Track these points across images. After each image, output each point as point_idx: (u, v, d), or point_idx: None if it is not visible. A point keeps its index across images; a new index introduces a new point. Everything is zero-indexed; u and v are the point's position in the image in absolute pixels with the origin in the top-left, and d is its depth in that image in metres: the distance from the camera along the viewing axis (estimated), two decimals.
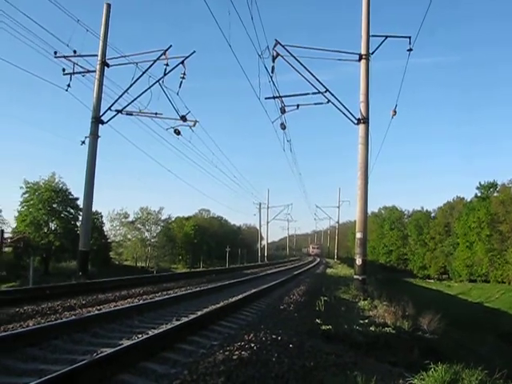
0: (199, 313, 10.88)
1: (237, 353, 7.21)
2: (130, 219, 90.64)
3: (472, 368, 8.03)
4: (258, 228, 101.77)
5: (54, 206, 61.32)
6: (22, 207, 60.56)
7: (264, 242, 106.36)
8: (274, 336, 8.92)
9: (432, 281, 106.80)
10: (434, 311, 18.10)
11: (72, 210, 63.39)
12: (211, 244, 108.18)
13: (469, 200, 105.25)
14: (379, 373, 8.14)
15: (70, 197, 62.74)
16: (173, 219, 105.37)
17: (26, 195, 60.78)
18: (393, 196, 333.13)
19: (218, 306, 12.29)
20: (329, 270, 49.36)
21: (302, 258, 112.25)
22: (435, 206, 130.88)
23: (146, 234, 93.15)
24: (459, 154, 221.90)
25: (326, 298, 17.33)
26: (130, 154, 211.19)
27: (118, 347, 6.74)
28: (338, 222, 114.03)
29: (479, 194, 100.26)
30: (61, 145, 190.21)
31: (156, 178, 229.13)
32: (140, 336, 8.13)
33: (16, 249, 54.03)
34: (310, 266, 57.00)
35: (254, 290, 17.49)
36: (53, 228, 61.65)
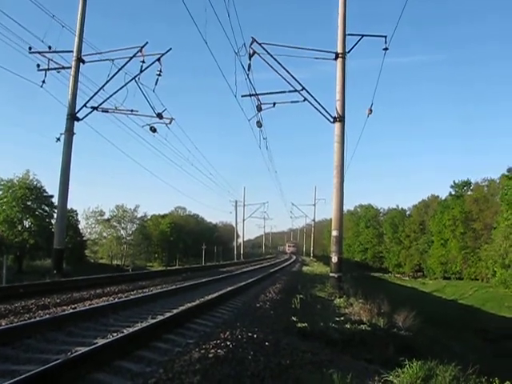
0: (175, 311, 10.83)
1: (212, 351, 7.18)
2: (106, 217, 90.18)
3: (446, 364, 8.16)
4: (234, 226, 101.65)
5: (29, 203, 60.56)
6: None
7: (240, 240, 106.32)
8: (249, 334, 8.92)
9: (407, 278, 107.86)
10: (409, 308, 18.25)
11: (47, 208, 62.68)
12: (187, 242, 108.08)
13: (443, 198, 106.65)
14: (355, 370, 8.20)
15: (45, 194, 62.02)
16: (149, 217, 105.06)
17: (0, 193, 59.90)
18: (369, 194, 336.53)
19: (194, 304, 12.25)
20: (305, 268, 49.53)
21: (278, 255, 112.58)
22: (410, 204, 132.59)
23: (122, 231, 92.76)
24: (434, 153, 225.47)
25: (301, 296, 17.39)
26: (106, 152, 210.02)
27: (93, 346, 6.68)
28: (314, 220, 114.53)
29: (453, 193, 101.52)
30: (36, 142, 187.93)
31: (132, 176, 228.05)
32: (115, 334, 8.06)
33: None
34: (286, 263, 57.12)
35: (229, 288, 17.46)
36: (27, 226, 60.87)
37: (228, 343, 7.83)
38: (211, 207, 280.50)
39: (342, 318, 14.35)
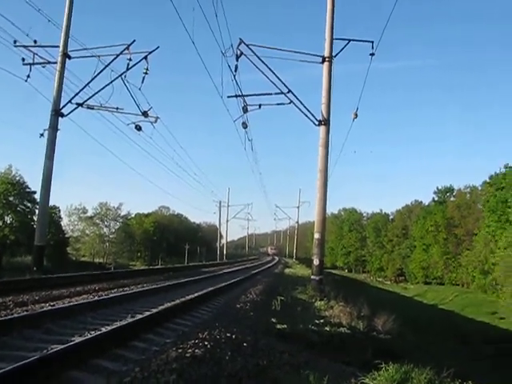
0: (154, 310, 10.77)
1: (190, 351, 7.17)
2: (89, 214, 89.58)
3: (422, 367, 8.23)
4: (218, 226, 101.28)
5: (10, 199, 60.06)
6: None
7: (224, 241, 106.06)
8: (228, 334, 8.91)
9: (389, 282, 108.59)
10: (390, 312, 18.38)
11: (29, 204, 62.24)
12: (170, 241, 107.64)
13: (426, 204, 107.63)
14: (332, 372, 8.23)
15: (28, 190, 61.52)
16: (132, 215, 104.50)
17: None
18: (353, 198, 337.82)
19: (174, 303, 12.18)
20: (287, 270, 49.58)
21: (261, 257, 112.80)
22: (394, 209, 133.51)
23: (105, 229, 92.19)
24: (418, 157, 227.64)
25: (282, 298, 17.39)
26: (91, 149, 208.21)
27: (68, 344, 6.64)
28: (297, 223, 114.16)
29: (436, 198, 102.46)
30: (20, 138, 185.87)
31: (117, 174, 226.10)
32: (92, 333, 8.00)
33: None
34: (269, 265, 57.21)
35: (211, 288, 17.41)
36: (8, 222, 60.31)
37: (206, 343, 7.81)
38: (195, 207, 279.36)
39: (322, 321, 14.38)
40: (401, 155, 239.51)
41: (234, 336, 8.87)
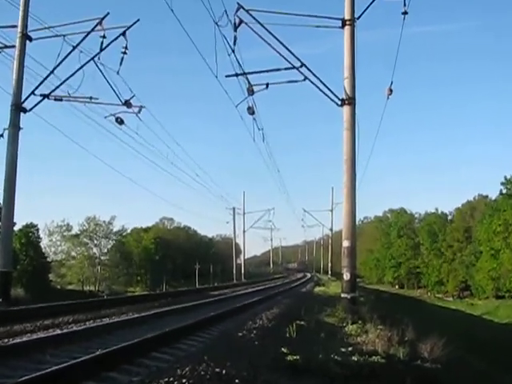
0: (127, 343, 10.64)
1: None
2: (74, 232, 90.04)
3: None
4: (233, 239, 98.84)
5: None
6: None
7: (242, 257, 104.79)
8: (217, 370, 8.75)
9: (450, 299, 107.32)
10: (450, 335, 18.10)
11: None
12: (177, 260, 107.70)
13: (493, 198, 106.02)
14: None
15: None
16: (128, 231, 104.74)
17: None
18: (401, 196, 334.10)
19: (157, 333, 12.07)
20: (317, 289, 49.39)
21: (289, 275, 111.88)
22: (452, 207, 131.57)
23: (95, 249, 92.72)
24: (481, 143, 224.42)
25: (302, 323, 17.22)
26: (68, 152, 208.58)
27: None
28: (331, 230, 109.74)
29: (505, 191, 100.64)
30: None
31: (103, 181, 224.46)
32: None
33: None
34: (296, 284, 57.24)
35: (212, 314, 17.40)
36: None
37: (183, 381, 7.68)
38: (206, 217, 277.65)
39: (350, 349, 14.14)
40: (458, 141, 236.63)
41: (224, 371, 8.71)
